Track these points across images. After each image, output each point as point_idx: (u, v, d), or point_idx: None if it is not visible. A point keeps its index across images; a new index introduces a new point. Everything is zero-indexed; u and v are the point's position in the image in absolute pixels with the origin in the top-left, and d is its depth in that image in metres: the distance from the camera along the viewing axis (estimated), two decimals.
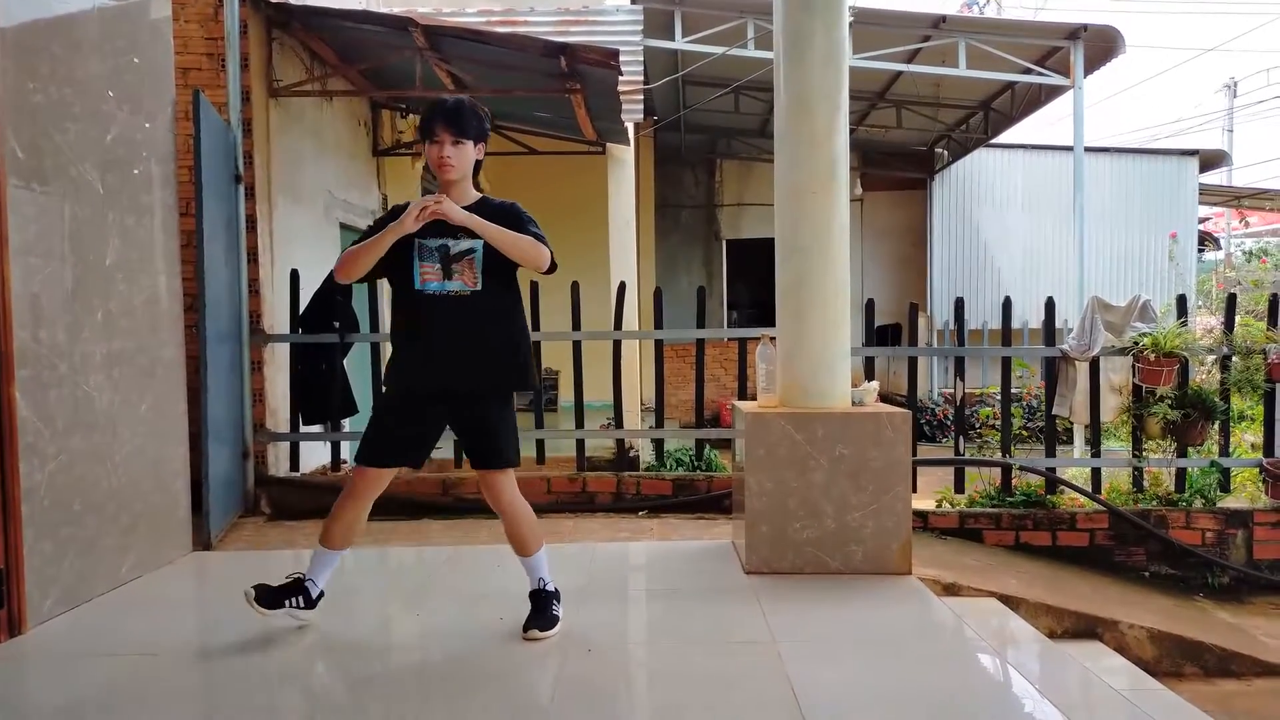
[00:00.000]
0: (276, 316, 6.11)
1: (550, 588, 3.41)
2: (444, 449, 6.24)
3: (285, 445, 5.92)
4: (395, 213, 3.17)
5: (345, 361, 5.95)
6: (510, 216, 3.19)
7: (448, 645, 3.31)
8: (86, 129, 3.81)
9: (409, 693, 2.93)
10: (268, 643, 3.32)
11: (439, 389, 3.19)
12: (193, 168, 4.79)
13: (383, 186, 8.75)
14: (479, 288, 3.13)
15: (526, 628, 3.30)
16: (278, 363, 6.10)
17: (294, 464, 5.86)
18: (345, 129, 7.87)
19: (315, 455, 6.30)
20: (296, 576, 3.35)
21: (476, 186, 3.27)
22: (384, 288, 8.11)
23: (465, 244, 3.11)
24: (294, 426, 5.81)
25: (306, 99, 6.83)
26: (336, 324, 5.77)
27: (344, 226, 7.69)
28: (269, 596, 3.28)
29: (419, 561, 4.62)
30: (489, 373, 3.20)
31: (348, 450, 6.18)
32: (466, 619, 3.52)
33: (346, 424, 6.02)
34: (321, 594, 3.40)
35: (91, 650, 3.27)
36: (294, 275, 5.77)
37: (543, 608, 3.36)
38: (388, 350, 6.62)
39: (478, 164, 3.23)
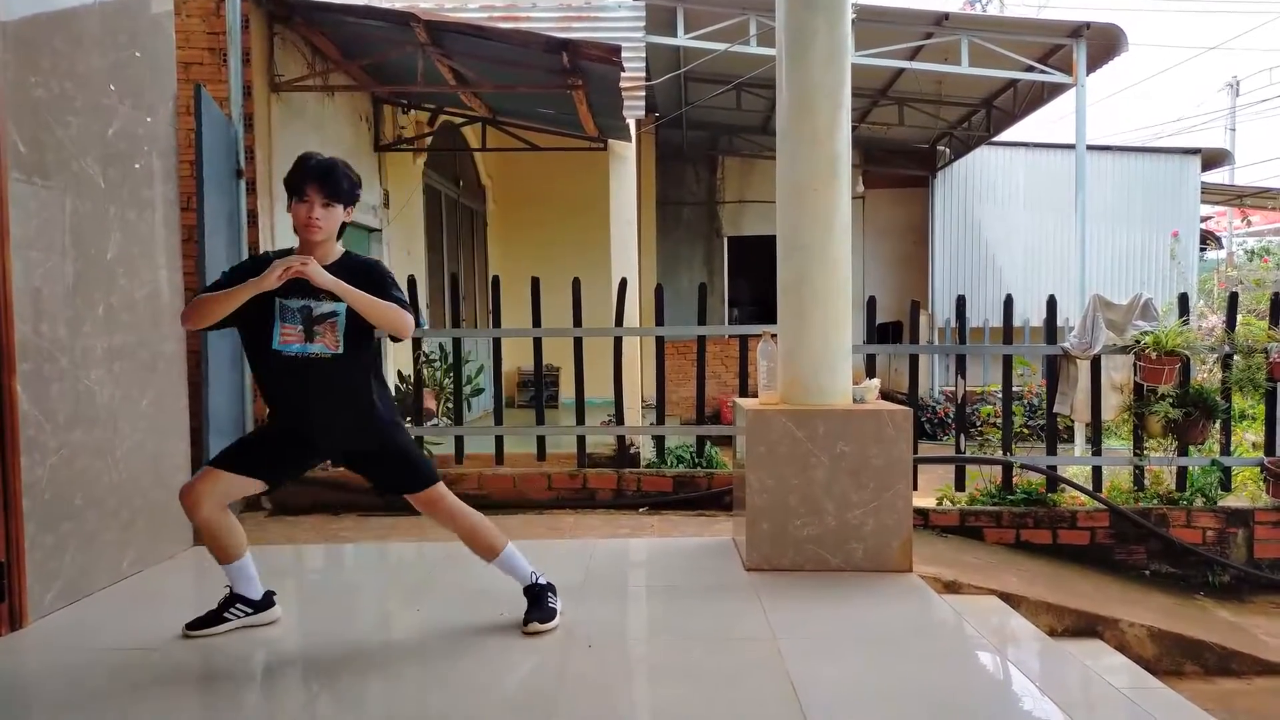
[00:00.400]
0: None
1: (542, 580, 3.41)
2: (444, 445, 6.28)
3: None
4: (257, 262, 3.16)
5: None
6: (373, 278, 3.16)
7: (449, 641, 3.31)
8: (88, 123, 3.80)
9: (409, 687, 2.93)
10: (268, 638, 3.32)
11: (312, 443, 3.25)
12: (194, 162, 4.79)
13: (384, 182, 8.74)
14: (340, 350, 3.11)
15: (526, 621, 3.30)
16: None
17: None
18: (346, 124, 7.86)
19: None
20: (225, 593, 3.38)
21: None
22: None
23: (328, 306, 3.07)
24: None
25: (308, 94, 6.82)
26: None
27: (345, 222, 7.67)
28: (206, 618, 3.32)
29: (419, 557, 4.63)
30: (356, 435, 3.23)
31: None
32: (468, 614, 3.52)
33: None
34: (269, 592, 3.43)
35: (92, 644, 3.27)
36: None
37: (539, 600, 3.36)
38: (389, 345, 6.62)
39: (343, 224, 3.21)
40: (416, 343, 6.07)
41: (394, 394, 6.94)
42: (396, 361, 7.32)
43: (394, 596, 4.07)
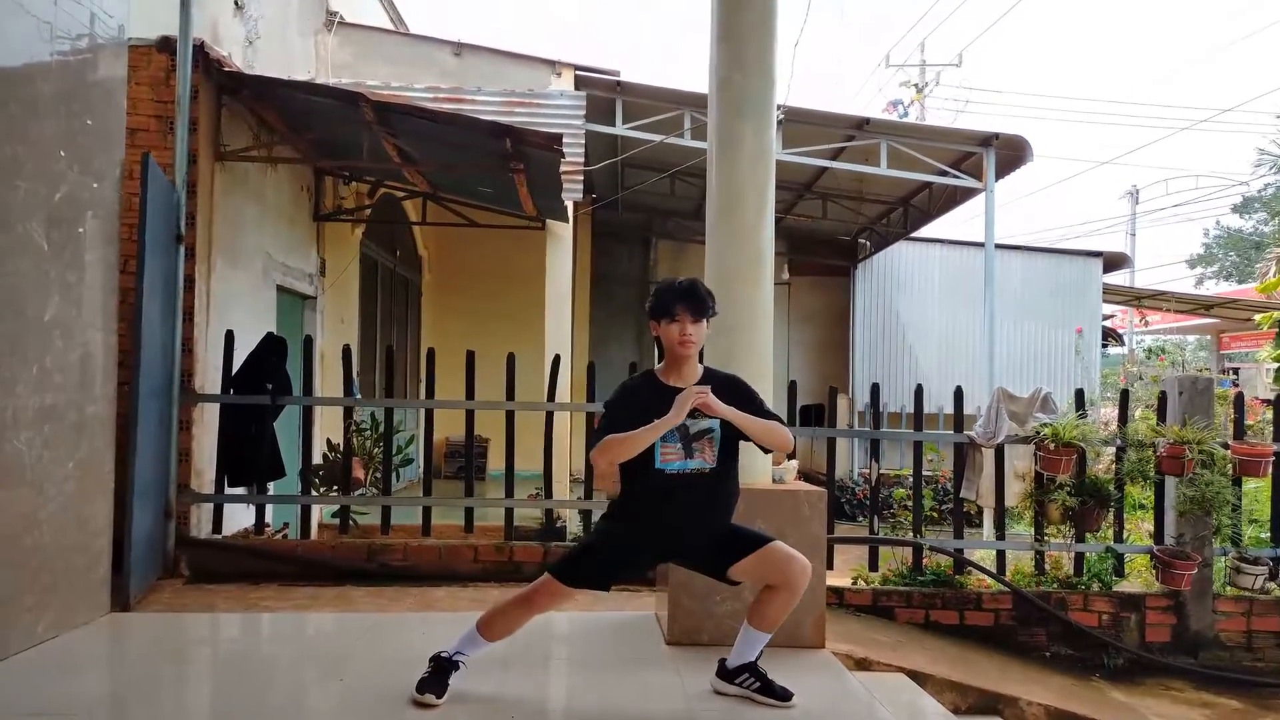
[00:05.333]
0: (208, 376, 6.11)
1: (458, 659, 3.40)
2: (370, 515, 6.28)
3: (208, 507, 5.86)
4: (631, 393, 3.35)
5: (275, 423, 5.96)
6: (742, 393, 3.36)
7: (372, 711, 3.34)
8: (36, 187, 3.87)
9: None
10: (185, 705, 3.31)
11: (677, 554, 3.42)
12: (135, 226, 4.84)
13: (321, 251, 8.82)
14: (716, 465, 3.28)
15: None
16: (206, 422, 6.07)
17: (216, 526, 5.80)
18: (288, 193, 7.97)
19: (238, 518, 6.24)
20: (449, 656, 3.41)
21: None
22: (321, 351, 8.07)
23: (705, 423, 3.25)
24: (219, 488, 5.77)
25: (252, 164, 6.94)
26: (269, 386, 5.80)
27: (281, 289, 7.73)
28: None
29: (340, 628, 4.61)
30: (717, 530, 3.39)
31: (272, 514, 6.14)
32: (391, 684, 3.54)
33: (272, 487, 5.99)
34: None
35: (8, 710, 3.22)
36: (229, 336, 5.80)
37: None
38: (318, 413, 6.61)
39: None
40: (348, 412, 6.11)
41: (323, 462, 6.94)
42: (326, 429, 7.32)
43: (317, 666, 4.06)
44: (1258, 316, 12.21)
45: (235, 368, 5.82)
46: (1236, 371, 20.04)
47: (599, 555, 3.41)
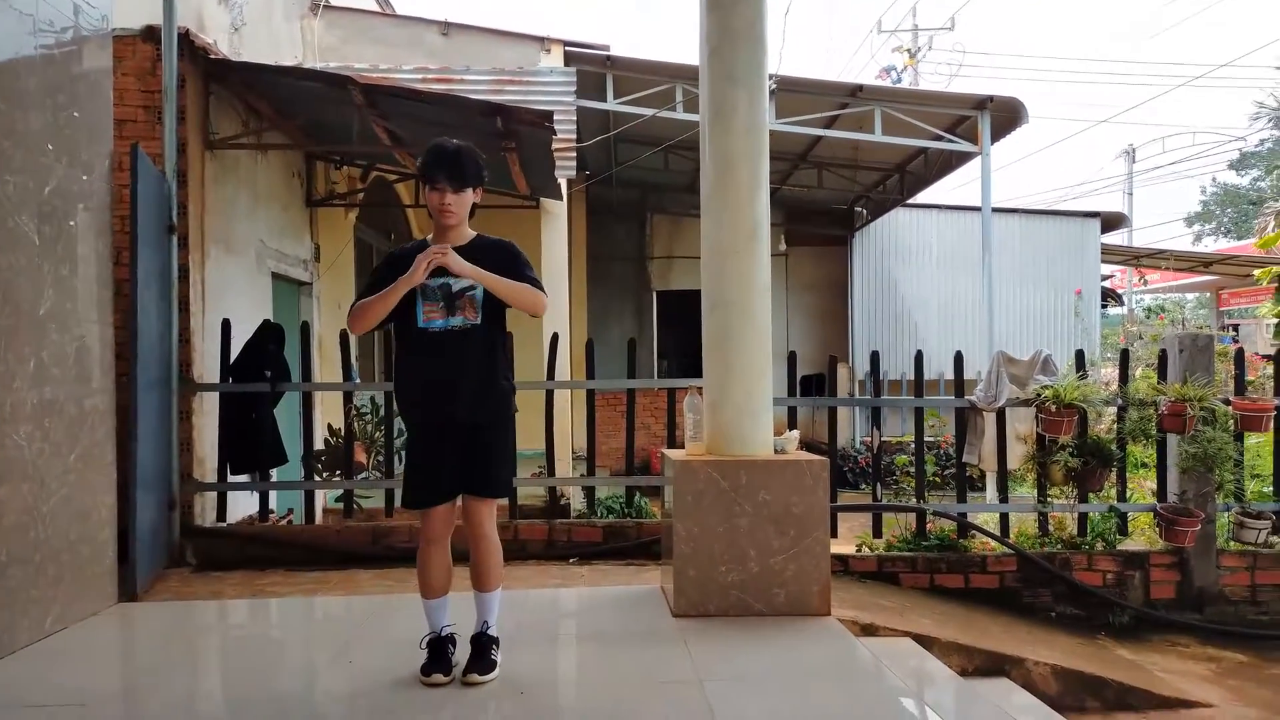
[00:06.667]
0: (206, 365, 6.10)
1: (493, 632, 3.48)
2: (374, 499, 6.29)
3: (212, 495, 5.88)
4: (392, 259, 3.37)
5: (275, 410, 5.96)
6: (506, 258, 3.39)
7: (382, 692, 3.36)
8: (25, 181, 3.85)
9: None
10: (196, 692, 3.33)
11: (448, 418, 3.34)
12: (127, 218, 4.82)
13: (315, 237, 8.79)
14: (479, 322, 3.33)
15: (466, 672, 3.36)
16: (206, 411, 6.07)
17: (220, 514, 5.82)
18: (279, 180, 7.92)
19: (242, 506, 6.25)
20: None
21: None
22: (319, 336, 8.09)
23: (465, 282, 3.30)
24: (221, 476, 5.79)
25: (242, 151, 6.89)
26: (268, 373, 5.80)
27: (276, 276, 7.71)
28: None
29: (348, 611, 4.64)
30: (489, 402, 3.38)
31: (276, 500, 6.16)
32: (401, 665, 3.57)
33: (275, 474, 6.00)
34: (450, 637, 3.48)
35: (19, 701, 3.23)
36: (225, 324, 5.79)
37: (483, 652, 3.42)
38: (318, 399, 6.63)
39: (473, 205, 3.42)
40: (348, 396, 6.11)
41: (325, 447, 6.96)
42: (326, 415, 7.32)
43: (326, 649, 4.08)
44: (1257, 272, 12.15)
45: (233, 356, 5.82)
46: (1236, 328, 20.02)
47: (408, 464, 3.44)
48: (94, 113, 4.43)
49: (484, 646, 3.43)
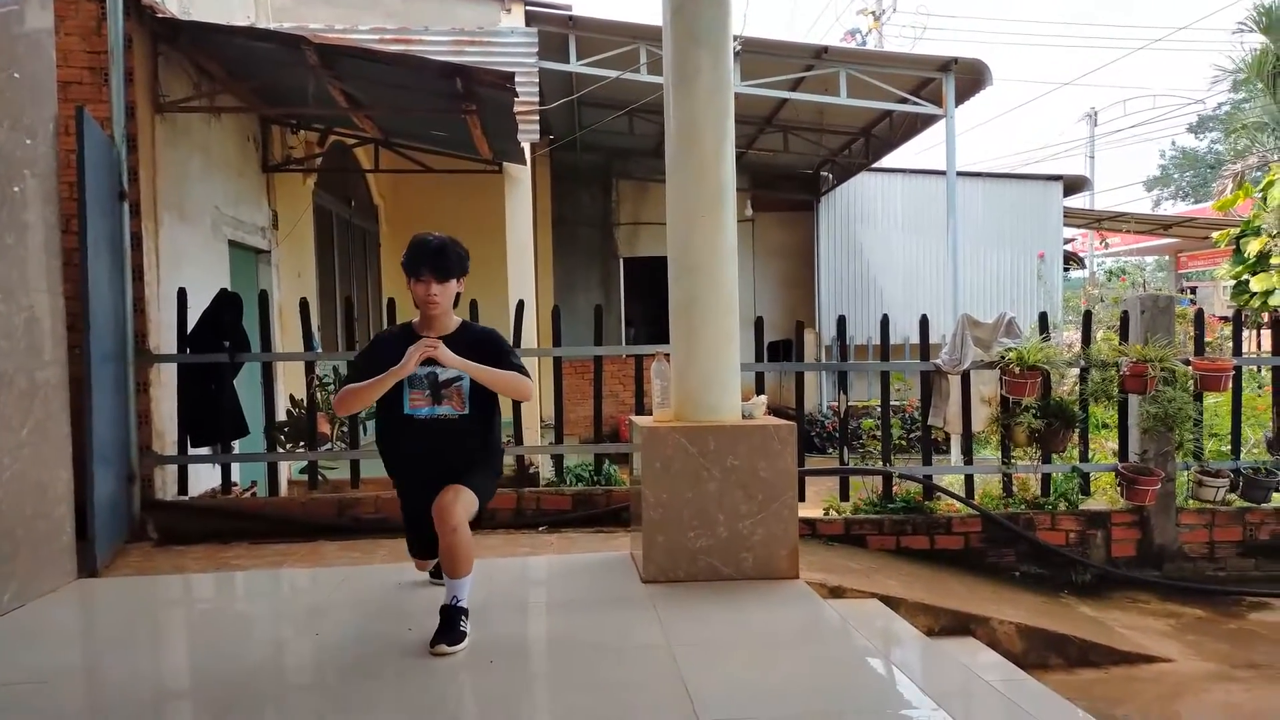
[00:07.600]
0: (163, 336, 5.96)
1: (462, 604, 3.47)
2: (339, 470, 6.22)
3: (173, 469, 5.77)
4: (377, 344, 3.52)
5: (236, 381, 5.85)
6: (491, 348, 3.52)
7: (349, 662, 3.33)
8: None
9: (308, 708, 2.94)
10: (160, 667, 3.27)
11: (433, 479, 3.48)
12: (75, 184, 4.66)
13: (273, 203, 8.59)
14: (466, 412, 3.47)
15: (434, 642, 3.35)
16: (164, 383, 5.94)
17: (182, 488, 5.71)
18: (234, 145, 7.72)
19: (204, 479, 6.15)
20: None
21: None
22: (278, 305, 7.93)
23: (453, 373, 3.42)
24: (182, 449, 5.68)
25: (194, 114, 6.69)
26: (226, 343, 5.67)
27: (233, 244, 7.53)
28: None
29: (314, 582, 4.59)
30: (473, 467, 3.56)
31: (238, 472, 6.06)
32: (367, 635, 3.54)
33: (237, 446, 5.90)
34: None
35: None
36: (181, 294, 5.65)
37: (452, 623, 3.41)
38: (280, 369, 6.52)
39: (457, 295, 3.54)
40: (310, 366, 6.01)
41: (287, 418, 6.85)
42: (289, 385, 7.20)
43: (291, 622, 4.03)
44: (1215, 234, 12.34)
45: (190, 326, 5.69)
46: (1194, 290, 20.35)
47: (401, 509, 3.78)
48: (36, 74, 4.26)
49: (453, 617, 3.42)
